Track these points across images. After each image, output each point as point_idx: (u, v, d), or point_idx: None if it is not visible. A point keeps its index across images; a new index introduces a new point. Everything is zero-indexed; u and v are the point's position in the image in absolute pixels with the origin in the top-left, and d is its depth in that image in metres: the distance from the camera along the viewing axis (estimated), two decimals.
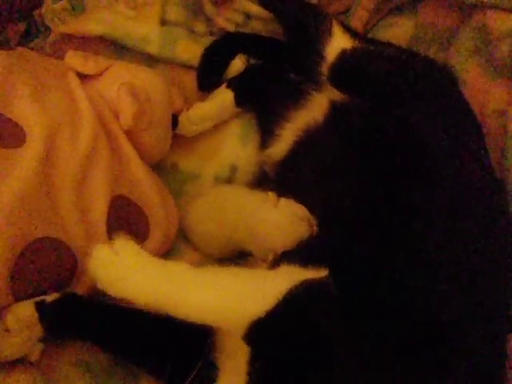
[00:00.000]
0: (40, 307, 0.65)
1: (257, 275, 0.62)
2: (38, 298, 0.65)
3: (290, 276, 0.58)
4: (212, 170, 0.90)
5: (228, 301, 0.58)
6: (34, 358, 0.66)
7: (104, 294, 0.61)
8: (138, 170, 0.75)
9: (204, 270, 0.63)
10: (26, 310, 0.64)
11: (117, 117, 0.77)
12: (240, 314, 0.56)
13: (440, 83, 0.80)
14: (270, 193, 0.72)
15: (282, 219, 0.68)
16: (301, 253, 0.64)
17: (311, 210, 0.70)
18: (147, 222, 0.75)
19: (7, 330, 0.64)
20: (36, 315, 0.65)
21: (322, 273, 0.58)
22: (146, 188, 0.75)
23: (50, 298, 0.66)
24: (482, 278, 0.63)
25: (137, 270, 0.60)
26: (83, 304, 0.68)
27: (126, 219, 0.72)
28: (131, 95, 0.75)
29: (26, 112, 0.68)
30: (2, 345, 0.64)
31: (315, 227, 0.66)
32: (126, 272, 0.60)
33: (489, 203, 0.69)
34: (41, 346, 0.67)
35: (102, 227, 0.70)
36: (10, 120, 0.67)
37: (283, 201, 0.70)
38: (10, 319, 0.64)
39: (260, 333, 0.55)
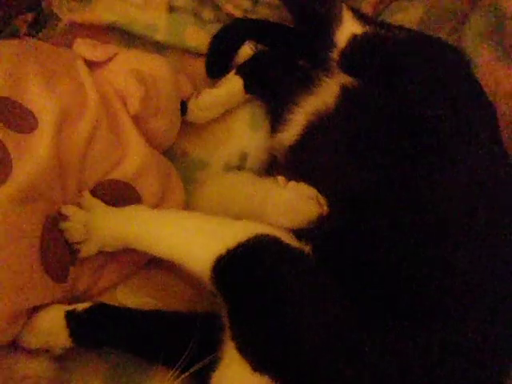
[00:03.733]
0: (70, 315, 0.66)
1: (223, 218, 0.66)
2: (69, 307, 0.67)
3: (256, 227, 0.62)
4: (222, 157, 0.89)
5: (193, 236, 0.63)
6: (57, 352, 0.67)
7: None
8: (141, 156, 0.76)
9: (169, 211, 0.72)
10: (55, 314, 0.66)
11: (124, 103, 0.77)
12: (204, 253, 0.60)
13: (453, 66, 0.79)
14: (278, 176, 0.72)
15: (291, 199, 0.68)
16: (313, 234, 0.64)
17: (323, 194, 0.70)
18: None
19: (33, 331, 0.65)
20: (64, 321, 0.66)
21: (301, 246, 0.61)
22: (145, 174, 0.76)
23: (80, 306, 0.67)
24: (499, 263, 0.62)
25: (111, 219, 0.69)
26: (112, 312, 0.69)
27: (114, 203, 0.73)
28: (138, 81, 0.75)
29: (36, 99, 0.69)
30: (29, 341, 0.65)
31: (325, 207, 0.66)
32: (103, 224, 0.69)
33: (503, 185, 0.68)
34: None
35: None
36: (22, 106, 0.68)
37: (292, 183, 0.70)
38: (40, 319, 0.65)
39: (224, 270, 0.58)
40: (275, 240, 0.60)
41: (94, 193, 0.72)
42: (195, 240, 0.63)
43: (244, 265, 0.58)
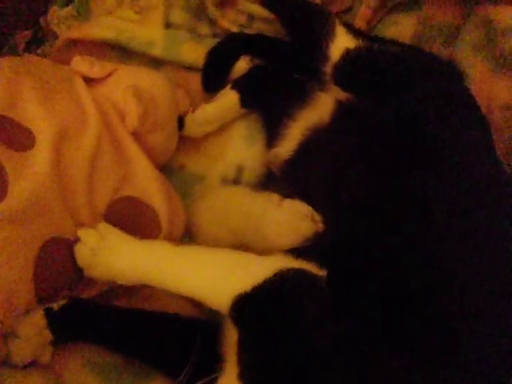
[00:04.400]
0: (48, 313, 0.66)
1: (247, 255, 0.64)
2: (45, 306, 0.67)
3: (281, 261, 0.59)
4: (219, 171, 0.90)
5: (214, 275, 0.60)
6: (44, 360, 0.67)
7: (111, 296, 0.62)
8: (145, 172, 0.76)
9: (191, 247, 0.68)
10: (34, 318, 0.66)
11: (123, 119, 0.77)
12: (225, 288, 0.58)
13: (446, 79, 0.80)
14: (273, 194, 0.72)
15: (286, 218, 0.69)
16: (310, 251, 0.64)
17: (319, 208, 0.70)
18: (159, 221, 0.76)
19: (18, 337, 0.65)
20: (45, 321, 0.66)
21: (318, 271, 0.59)
22: (152, 189, 0.76)
23: (57, 304, 0.67)
24: (491, 272, 0.62)
25: (125, 250, 0.66)
26: (89, 308, 0.69)
27: (132, 220, 0.73)
28: (136, 97, 0.76)
29: (34, 116, 0.69)
30: (14, 351, 0.65)
31: (320, 224, 0.66)
32: (115, 254, 0.66)
33: (496, 197, 0.68)
34: (51, 349, 0.68)
35: None
36: (19, 124, 0.68)
37: (287, 201, 0.71)
38: (21, 327, 0.65)
39: (244, 308, 0.56)
40: (301, 274, 0.58)
41: (109, 211, 0.71)
42: (219, 276, 0.60)
43: (269, 301, 0.56)
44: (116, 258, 0.66)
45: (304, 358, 0.53)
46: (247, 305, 0.56)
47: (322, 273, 0.59)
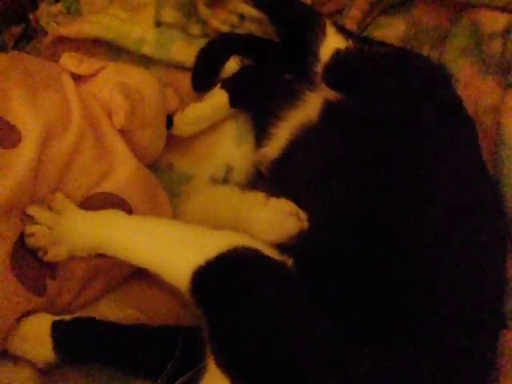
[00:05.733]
0: (56, 325, 0.66)
1: (201, 229, 0.65)
2: (57, 317, 0.66)
3: (237, 237, 0.61)
4: (207, 171, 0.90)
5: (173, 245, 0.61)
6: (40, 365, 0.66)
7: None
8: (128, 169, 0.76)
9: (146, 218, 0.70)
10: (42, 322, 0.66)
11: (110, 116, 0.77)
12: (184, 259, 0.59)
13: (434, 81, 0.81)
14: (259, 193, 0.73)
15: (271, 215, 0.69)
16: (295, 247, 0.64)
17: (306, 207, 0.70)
18: None
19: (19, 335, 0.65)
20: (49, 331, 0.65)
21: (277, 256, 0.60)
22: (132, 186, 0.76)
23: (67, 317, 0.67)
24: (473, 273, 0.63)
25: (81, 222, 0.67)
26: (95, 325, 0.68)
27: None
28: (123, 94, 0.76)
29: (20, 113, 0.69)
30: (15, 346, 0.65)
31: (305, 222, 0.66)
32: (72, 227, 0.67)
33: (481, 199, 0.69)
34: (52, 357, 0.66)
35: None
36: (5, 121, 0.68)
37: (272, 199, 0.71)
38: (26, 326, 0.65)
39: (201, 282, 0.57)
40: (256, 252, 0.60)
41: (84, 206, 0.71)
42: (174, 249, 0.61)
43: (222, 276, 0.57)
44: (75, 230, 0.67)
45: (262, 332, 0.54)
46: (205, 278, 0.57)
47: (283, 258, 0.61)
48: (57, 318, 0.67)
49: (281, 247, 0.64)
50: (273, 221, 0.68)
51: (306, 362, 0.53)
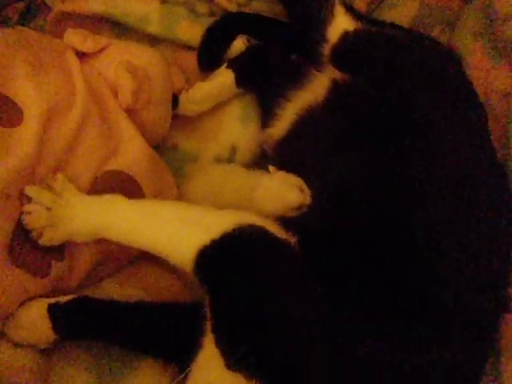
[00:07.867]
0: (53, 308, 0.66)
1: (205, 209, 0.64)
2: (52, 299, 0.66)
3: (241, 216, 0.60)
4: (212, 151, 0.89)
5: (176, 226, 0.61)
6: (43, 345, 0.67)
7: None
8: (135, 146, 0.75)
9: (148, 201, 0.70)
10: (38, 308, 0.65)
11: (115, 95, 0.76)
12: (188, 239, 0.59)
13: (444, 64, 0.80)
14: (270, 165, 0.73)
15: (275, 184, 0.69)
16: (300, 226, 0.64)
17: (310, 187, 0.70)
18: (143, 195, 0.75)
19: (16, 320, 0.65)
20: (47, 314, 0.65)
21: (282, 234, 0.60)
22: (139, 163, 0.75)
23: (63, 299, 0.67)
24: (477, 254, 0.63)
25: (82, 206, 0.66)
26: (93, 305, 0.68)
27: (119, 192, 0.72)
28: (130, 73, 0.75)
29: (23, 91, 0.68)
30: (13, 335, 0.65)
31: (308, 197, 0.66)
32: (72, 210, 0.65)
33: (489, 183, 0.68)
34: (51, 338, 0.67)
35: None
36: (8, 98, 0.67)
37: (281, 172, 0.72)
38: (22, 314, 0.65)
39: (206, 262, 0.57)
40: (261, 230, 0.59)
41: (93, 186, 0.70)
42: (179, 229, 0.61)
43: (227, 255, 0.57)
44: (74, 214, 0.65)
45: (267, 311, 0.54)
46: (211, 257, 0.57)
47: (287, 236, 0.60)
48: (51, 300, 0.66)
49: (285, 225, 0.64)
50: (277, 190, 0.68)
51: (309, 340, 0.53)
